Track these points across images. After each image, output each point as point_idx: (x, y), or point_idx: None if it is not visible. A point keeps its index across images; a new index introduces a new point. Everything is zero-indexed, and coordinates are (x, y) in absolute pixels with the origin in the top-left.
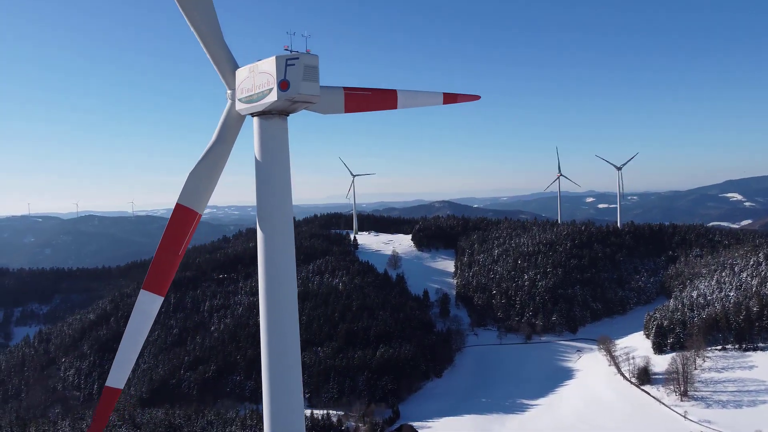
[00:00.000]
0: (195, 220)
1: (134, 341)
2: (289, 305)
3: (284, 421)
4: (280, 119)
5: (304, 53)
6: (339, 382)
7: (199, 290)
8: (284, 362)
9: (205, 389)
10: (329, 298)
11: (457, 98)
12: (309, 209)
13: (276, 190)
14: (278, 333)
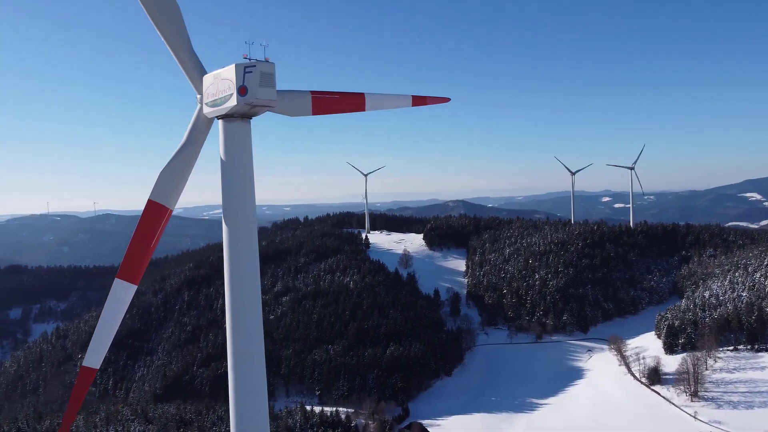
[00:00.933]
0: (166, 215)
1: (109, 325)
2: (253, 300)
3: (250, 420)
4: (243, 122)
5: (262, 61)
6: (349, 380)
7: (213, 288)
8: (248, 359)
9: (218, 385)
10: (340, 296)
11: (426, 100)
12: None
13: (239, 187)
14: (242, 329)
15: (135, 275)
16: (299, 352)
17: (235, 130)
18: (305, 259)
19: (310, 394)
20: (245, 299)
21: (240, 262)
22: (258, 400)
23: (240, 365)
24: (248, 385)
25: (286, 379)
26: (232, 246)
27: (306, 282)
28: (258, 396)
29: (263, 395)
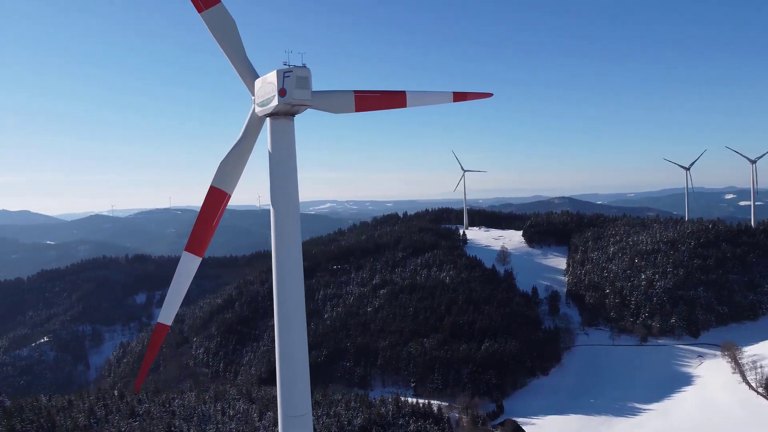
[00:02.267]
0: (225, 198)
1: (179, 289)
2: (295, 282)
3: (294, 398)
4: (286, 119)
5: (299, 67)
6: (443, 374)
7: (314, 279)
8: (291, 337)
9: (317, 373)
10: (436, 291)
11: (467, 96)
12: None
13: (283, 176)
14: (286, 315)
15: (200, 249)
16: (395, 344)
17: (279, 126)
18: (402, 253)
19: (405, 385)
20: (288, 281)
21: (283, 240)
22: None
23: (284, 348)
24: (291, 370)
25: (382, 369)
26: (277, 225)
27: (403, 276)
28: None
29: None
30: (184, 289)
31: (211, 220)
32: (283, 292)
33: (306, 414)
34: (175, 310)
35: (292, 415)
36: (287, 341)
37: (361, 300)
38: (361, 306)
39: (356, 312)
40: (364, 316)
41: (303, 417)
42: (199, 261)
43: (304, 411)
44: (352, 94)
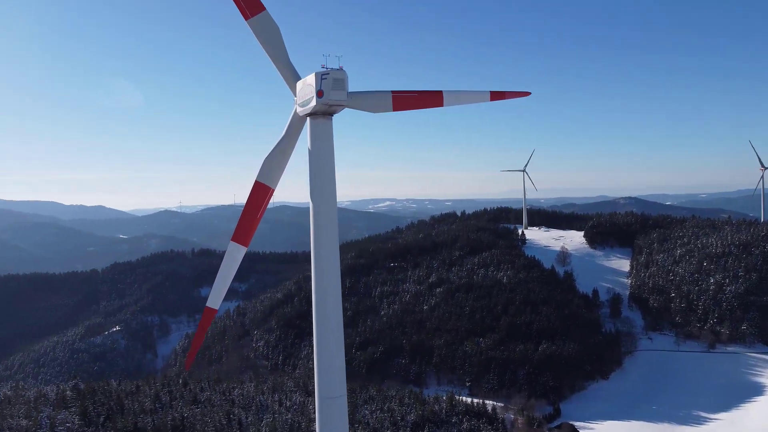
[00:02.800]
0: (269, 193)
1: (226, 276)
2: (332, 275)
3: (329, 380)
4: (325, 119)
5: (336, 69)
6: (499, 374)
7: (371, 276)
8: (328, 324)
9: (373, 369)
10: (493, 290)
11: (505, 95)
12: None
13: (321, 172)
14: (323, 302)
15: (245, 239)
16: (450, 342)
17: (318, 125)
18: (459, 252)
19: (460, 384)
20: (325, 275)
21: (321, 232)
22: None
23: (321, 334)
24: (327, 354)
25: (437, 367)
26: (315, 218)
27: (459, 275)
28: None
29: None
30: (230, 276)
31: (255, 212)
32: (321, 281)
33: (341, 396)
34: (222, 295)
35: (328, 396)
36: (324, 328)
37: (418, 298)
38: (417, 304)
39: (412, 309)
40: (420, 314)
41: (339, 399)
42: (245, 250)
43: (339, 393)
44: (389, 94)
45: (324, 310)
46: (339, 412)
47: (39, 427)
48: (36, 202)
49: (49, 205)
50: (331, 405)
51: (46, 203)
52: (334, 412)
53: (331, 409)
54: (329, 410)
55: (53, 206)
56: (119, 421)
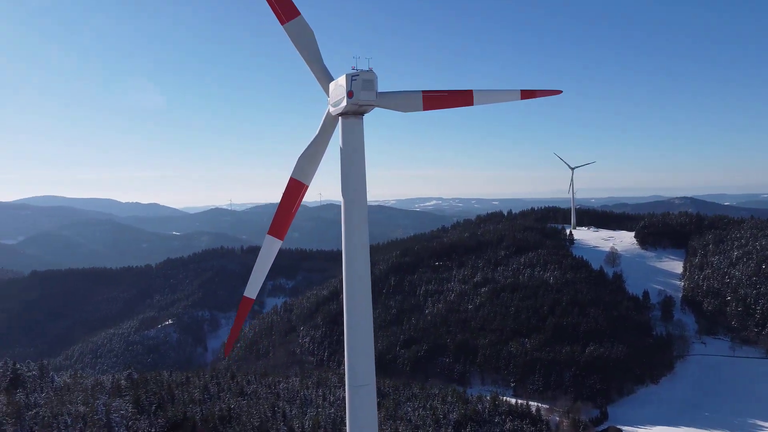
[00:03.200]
0: (303, 189)
1: (262, 268)
2: (361, 267)
3: (358, 369)
4: (356, 118)
5: (365, 71)
6: (544, 375)
7: (416, 275)
8: (357, 315)
9: (417, 367)
10: (539, 290)
11: (536, 93)
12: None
13: (352, 169)
14: (353, 294)
15: (280, 233)
16: (495, 342)
17: (349, 124)
18: (505, 252)
19: (504, 385)
20: (355, 267)
21: (351, 225)
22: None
23: (351, 326)
24: (357, 345)
25: (481, 367)
26: (346, 213)
27: (505, 275)
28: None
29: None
30: (266, 268)
31: (290, 207)
32: (352, 273)
33: (369, 384)
34: (258, 285)
35: (356, 384)
36: (353, 319)
37: (462, 297)
38: (462, 303)
39: (457, 309)
40: (464, 313)
41: (367, 387)
42: (280, 243)
43: (367, 382)
44: (420, 94)
45: (354, 302)
46: (368, 399)
47: (96, 413)
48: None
49: (106, 203)
50: (360, 393)
51: (104, 201)
52: (362, 400)
53: (360, 396)
54: (358, 398)
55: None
56: (170, 410)
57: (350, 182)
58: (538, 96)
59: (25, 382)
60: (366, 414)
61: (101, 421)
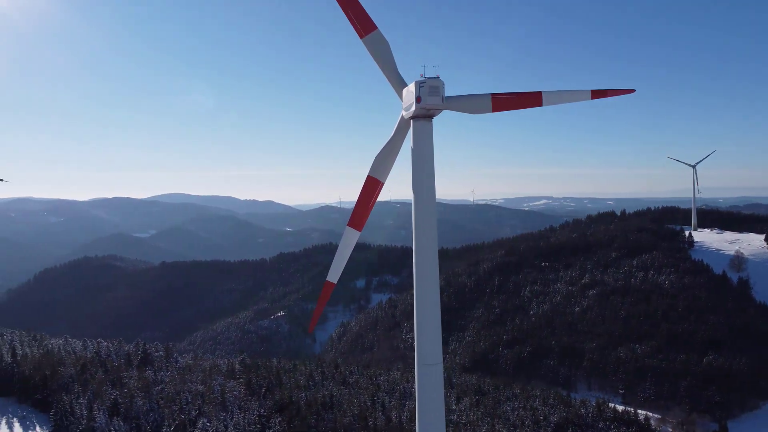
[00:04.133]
0: (379, 185)
1: (343, 255)
2: (430, 255)
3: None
4: (425, 121)
5: (432, 78)
6: (656, 384)
7: (521, 275)
8: (426, 301)
9: (520, 368)
10: (652, 295)
11: (607, 93)
12: (647, 203)
13: (422, 168)
14: (422, 280)
15: (359, 225)
16: (603, 347)
17: (419, 127)
18: (616, 253)
19: (612, 391)
20: (423, 255)
21: (421, 218)
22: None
23: (421, 311)
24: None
25: (587, 372)
26: (416, 208)
27: (615, 277)
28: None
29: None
30: (346, 255)
31: (367, 202)
32: (421, 261)
33: (438, 364)
34: (339, 271)
35: (425, 363)
36: (423, 303)
37: (569, 299)
38: (568, 305)
39: (563, 311)
40: (570, 316)
41: (436, 366)
42: (358, 234)
43: (436, 361)
44: (489, 96)
45: (423, 287)
46: (436, 378)
47: (212, 392)
48: (216, 196)
49: (227, 200)
50: (429, 371)
51: (225, 198)
52: (431, 378)
53: (429, 375)
54: (427, 376)
55: (230, 201)
56: (277, 394)
57: (420, 179)
58: (609, 95)
59: (153, 361)
60: (434, 391)
61: (217, 400)
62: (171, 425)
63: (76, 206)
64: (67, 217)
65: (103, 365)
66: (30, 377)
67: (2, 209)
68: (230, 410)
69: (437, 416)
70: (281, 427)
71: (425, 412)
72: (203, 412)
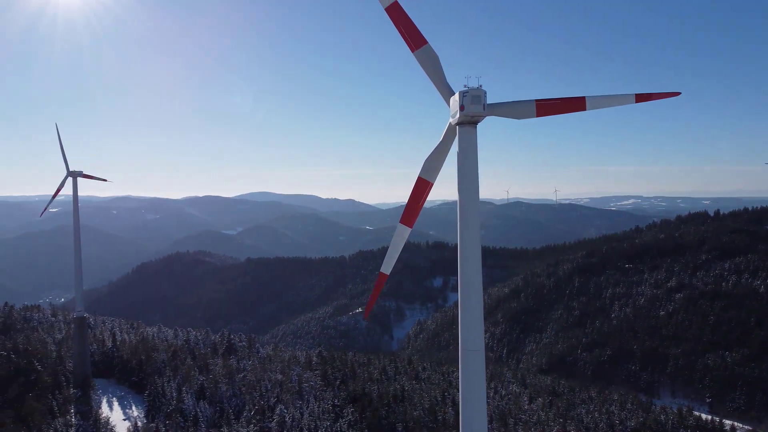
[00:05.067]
0: (428, 186)
1: (396, 248)
2: (473, 258)
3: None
4: (470, 127)
5: (475, 88)
6: (748, 393)
7: (603, 277)
8: (470, 296)
9: (600, 372)
10: (745, 300)
11: (652, 96)
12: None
13: (466, 172)
14: (466, 271)
15: (410, 221)
16: (689, 353)
17: (464, 133)
18: (707, 256)
19: (698, 400)
20: (466, 273)
21: (465, 218)
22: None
23: (464, 299)
24: (469, 315)
25: (672, 378)
26: (461, 209)
27: (705, 281)
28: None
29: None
30: (399, 249)
31: (417, 201)
32: (464, 253)
33: (480, 350)
34: (391, 264)
35: (469, 349)
36: (466, 291)
37: (653, 302)
38: (653, 309)
39: (647, 314)
40: (655, 320)
41: (478, 352)
42: (409, 230)
43: (478, 348)
44: (533, 102)
45: (467, 277)
46: (478, 363)
47: (290, 382)
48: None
49: (309, 198)
50: (472, 357)
51: (308, 196)
52: (473, 363)
53: (471, 360)
54: (470, 361)
55: (313, 199)
56: (351, 385)
57: (464, 182)
58: (654, 98)
59: (237, 350)
60: (476, 376)
61: (294, 389)
62: (251, 410)
63: (171, 204)
64: (163, 214)
65: (191, 352)
66: (127, 361)
67: (105, 207)
68: (306, 399)
69: (479, 401)
70: (353, 417)
71: (468, 398)
72: (281, 400)
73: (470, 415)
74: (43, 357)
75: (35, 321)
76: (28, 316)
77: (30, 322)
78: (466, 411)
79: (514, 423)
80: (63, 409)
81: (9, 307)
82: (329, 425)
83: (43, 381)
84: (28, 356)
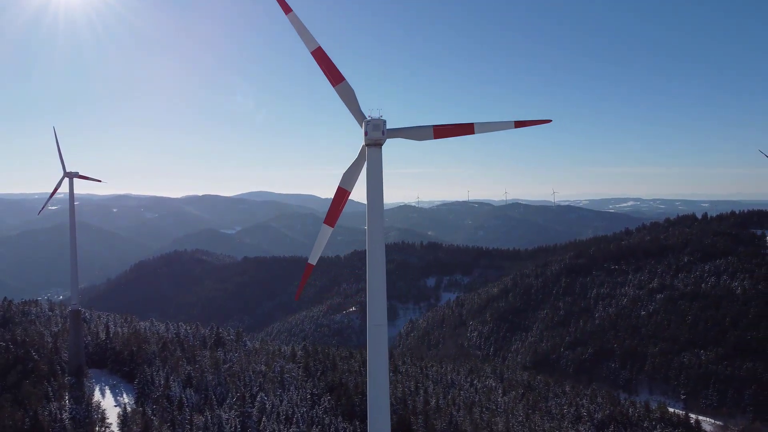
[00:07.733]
0: (346, 194)
1: (320, 244)
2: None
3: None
4: (376, 148)
5: (376, 118)
6: (720, 391)
7: (589, 278)
8: (375, 276)
9: (582, 370)
10: (722, 301)
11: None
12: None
13: (373, 185)
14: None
15: (332, 222)
16: (667, 352)
17: (371, 153)
18: (689, 258)
19: (674, 396)
20: (372, 258)
21: (371, 228)
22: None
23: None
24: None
25: (650, 376)
26: (369, 217)
27: (685, 282)
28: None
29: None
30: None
31: (338, 205)
32: (372, 249)
33: (382, 325)
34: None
35: (374, 324)
36: (372, 273)
37: (635, 302)
38: (635, 309)
39: (628, 314)
40: (636, 319)
41: (381, 327)
42: (332, 229)
43: (381, 322)
44: (431, 127)
45: (373, 261)
46: (381, 336)
47: (273, 372)
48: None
49: (308, 198)
50: (375, 330)
51: (306, 196)
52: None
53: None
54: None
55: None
56: (329, 376)
57: (370, 194)
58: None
59: (225, 343)
60: (380, 348)
61: (276, 379)
62: (234, 397)
63: (171, 203)
64: (162, 213)
65: (181, 345)
66: (120, 352)
67: (105, 205)
68: (287, 388)
69: (382, 372)
70: (329, 405)
71: (373, 367)
72: (263, 389)
73: (375, 381)
74: (39, 347)
75: (33, 315)
76: (26, 310)
77: (28, 316)
78: (371, 379)
79: (480, 412)
80: (58, 395)
81: (8, 301)
82: (305, 411)
83: (39, 369)
84: (25, 347)
